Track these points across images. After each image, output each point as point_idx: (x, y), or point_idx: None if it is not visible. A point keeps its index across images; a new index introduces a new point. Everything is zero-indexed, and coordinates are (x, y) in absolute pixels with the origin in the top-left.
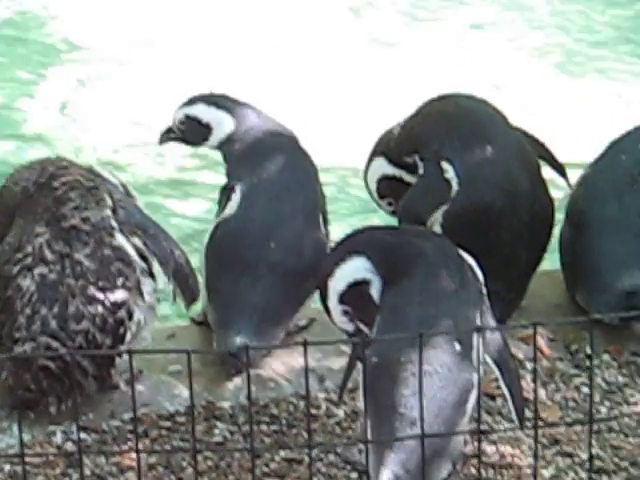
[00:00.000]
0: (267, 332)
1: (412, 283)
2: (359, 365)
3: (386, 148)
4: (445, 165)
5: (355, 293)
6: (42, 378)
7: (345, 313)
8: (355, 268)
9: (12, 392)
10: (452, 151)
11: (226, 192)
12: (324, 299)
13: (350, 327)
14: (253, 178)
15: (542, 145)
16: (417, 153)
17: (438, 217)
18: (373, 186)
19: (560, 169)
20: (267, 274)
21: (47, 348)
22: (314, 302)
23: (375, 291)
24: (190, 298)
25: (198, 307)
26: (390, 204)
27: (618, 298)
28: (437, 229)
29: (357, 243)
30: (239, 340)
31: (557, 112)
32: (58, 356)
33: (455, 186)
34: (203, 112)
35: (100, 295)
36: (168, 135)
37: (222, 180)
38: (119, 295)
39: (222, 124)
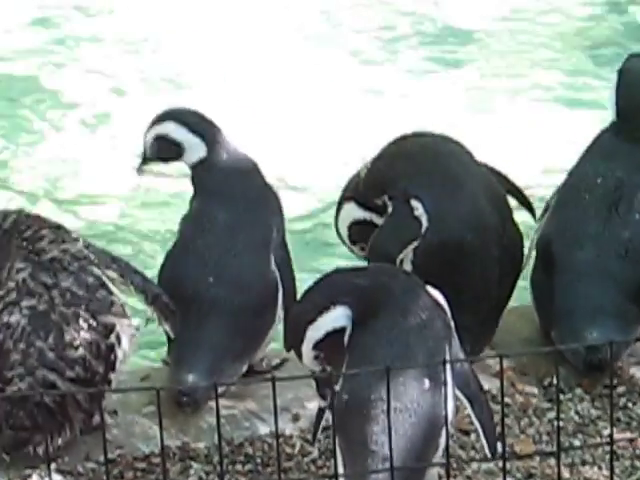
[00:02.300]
0: (222, 369)
1: (380, 322)
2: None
3: (354, 192)
4: (414, 203)
5: (330, 340)
6: (37, 414)
7: (316, 357)
8: (336, 317)
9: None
10: (420, 188)
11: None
12: (295, 342)
13: (318, 368)
14: (208, 210)
15: (507, 180)
16: (385, 194)
17: (409, 254)
18: (344, 232)
19: (527, 204)
20: (211, 310)
21: (44, 382)
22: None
23: (346, 335)
24: (174, 322)
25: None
26: (363, 249)
27: (584, 349)
28: (407, 266)
29: (339, 291)
30: (191, 378)
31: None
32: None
33: (425, 223)
34: (174, 131)
35: (93, 321)
36: (144, 163)
37: None
38: (109, 320)
39: (194, 149)
